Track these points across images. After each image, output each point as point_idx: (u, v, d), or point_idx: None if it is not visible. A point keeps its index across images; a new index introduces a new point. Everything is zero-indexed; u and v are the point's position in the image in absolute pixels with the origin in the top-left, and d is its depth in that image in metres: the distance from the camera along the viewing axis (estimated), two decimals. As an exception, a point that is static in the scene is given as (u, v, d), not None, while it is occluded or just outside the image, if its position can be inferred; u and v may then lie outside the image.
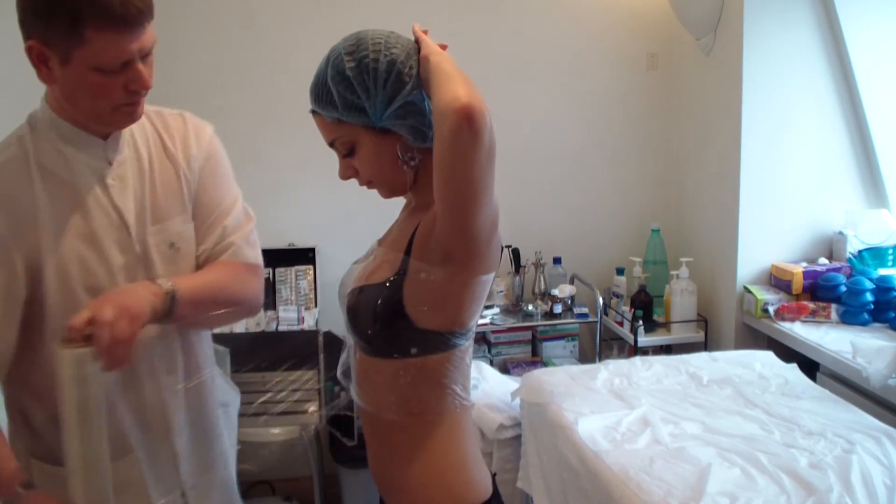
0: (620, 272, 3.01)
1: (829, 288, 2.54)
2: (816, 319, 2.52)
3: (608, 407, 2.02)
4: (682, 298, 2.81)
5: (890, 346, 2.15)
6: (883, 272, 2.55)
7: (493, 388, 2.45)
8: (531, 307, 2.93)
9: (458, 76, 1.01)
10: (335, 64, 1.10)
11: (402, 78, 1.09)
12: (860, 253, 2.65)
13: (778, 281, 2.68)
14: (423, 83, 1.10)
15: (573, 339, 3.02)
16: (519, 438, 2.24)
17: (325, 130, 1.16)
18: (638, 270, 2.90)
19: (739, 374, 2.21)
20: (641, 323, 2.78)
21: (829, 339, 2.36)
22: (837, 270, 2.59)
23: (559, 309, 2.90)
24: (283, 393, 2.26)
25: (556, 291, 2.90)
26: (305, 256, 2.86)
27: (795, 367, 2.27)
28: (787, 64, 2.64)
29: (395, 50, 1.09)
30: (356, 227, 2.66)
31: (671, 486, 1.61)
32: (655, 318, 2.89)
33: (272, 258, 2.73)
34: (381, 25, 1.15)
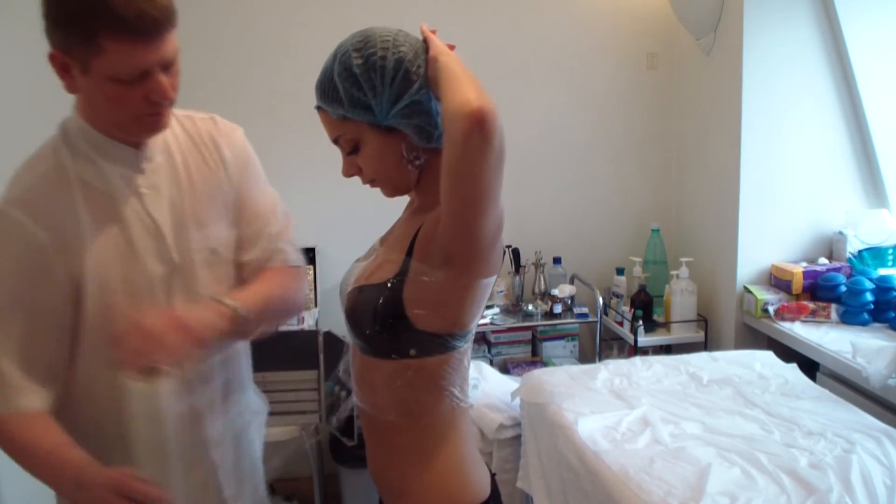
0: (620, 272, 3.01)
1: (829, 288, 2.54)
2: (816, 319, 2.52)
3: (608, 407, 2.02)
4: (682, 298, 2.81)
5: (890, 346, 2.15)
6: (883, 272, 2.55)
7: (493, 388, 2.45)
8: (531, 307, 2.93)
9: (468, 78, 1.00)
10: (342, 60, 1.09)
11: (409, 76, 1.08)
12: (860, 253, 2.65)
13: (778, 281, 2.68)
14: (430, 83, 1.09)
15: (573, 339, 3.02)
16: (519, 438, 2.24)
17: (329, 127, 1.15)
18: (638, 270, 2.90)
19: (739, 374, 2.21)
20: (641, 323, 2.78)
21: (829, 339, 2.36)
22: (837, 270, 2.59)
23: (559, 309, 2.90)
24: (282, 393, 2.26)
25: (556, 291, 2.91)
26: (305, 256, 2.83)
27: (795, 367, 2.27)
28: (786, 64, 2.63)
29: (403, 48, 1.09)
30: (356, 226, 2.65)
31: (671, 486, 1.61)
32: (655, 318, 2.89)
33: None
34: (382, 25, 1.14)
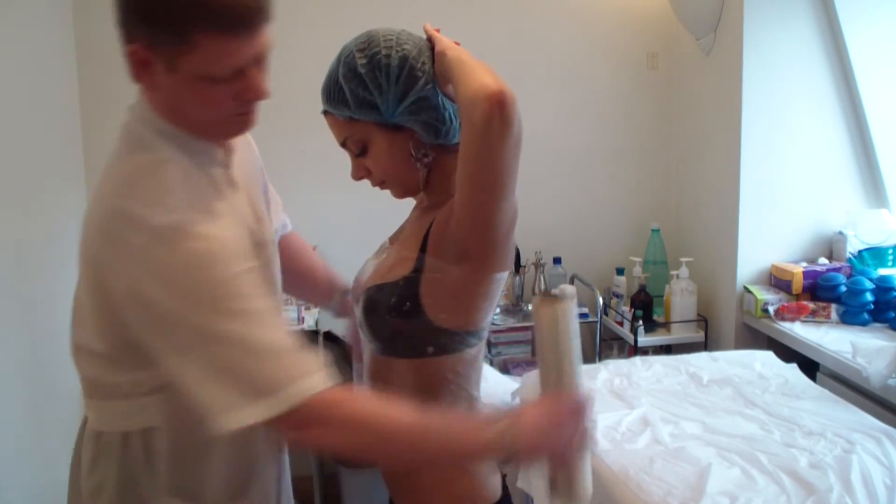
0: (620, 272, 3.01)
1: (829, 288, 2.54)
2: (816, 319, 2.52)
3: (608, 407, 2.01)
4: (682, 298, 2.81)
5: (890, 346, 2.15)
6: (883, 272, 2.55)
7: (493, 388, 2.45)
8: (531, 307, 2.92)
9: (482, 66, 1.01)
10: (347, 62, 1.09)
11: (414, 73, 1.08)
12: (860, 253, 2.65)
13: (778, 281, 2.68)
14: (439, 79, 1.09)
15: (573, 339, 3.02)
16: (519, 438, 2.24)
17: (336, 130, 1.15)
18: (638, 270, 2.90)
19: (739, 374, 2.21)
20: (641, 323, 2.78)
21: (829, 339, 2.36)
22: (837, 270, 2.59)
23: (559, 309, 2.89)
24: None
25: (556, 291, 2.90)
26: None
27: (795, 367, 2.27)
28: (787, 64, 2.63)
29: (406, 46, 1.09)
30: (357, 226, 2.66)
31: (671, 486, 1.61)
32: (655, 318, 2.89)
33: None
34: (379, 28, 1.14)
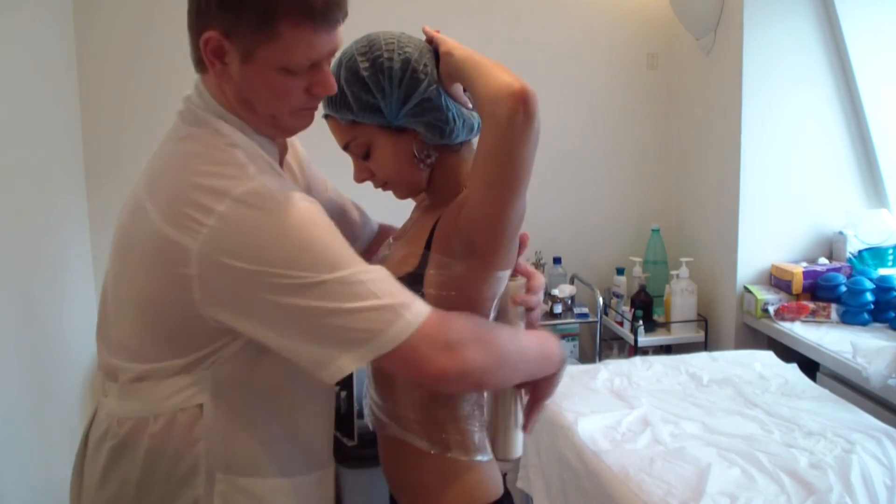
0: (620, 272, 3.01)
1: (829, 288, 2.54)
2: (816, 319, 2.52)
3: (608, 407, 2.02)
4: (682, 298, 2.81)
5: (890, 346, 2.15)
6: (883, 272, 2.55)
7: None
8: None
9: (498, 65, 1.02)
10: (349, 66, 1.09)
11: (417, 75, 1.08)
12: (860, 253, 2.65)
13: (778, 281, 2.68)
14: (445, 79, 1.09)
15: (573, 339, 3.02)
16: (519, 438, 2.24)
17: (339, 134, 1.15)
18: (638, 270, 2.90)
19: (739, 374, 2.21)
20: (641, 323, 2.78)
21: (829, 339, 2.36)
22: (837, 270, 2.59)
23: (559, 309, 2.89)
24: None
25: (556, 291, 2.90)
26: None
27: (795, 367, 2.27)
28: (787, 64, 2.64)
29: (408, 48, 1.09)
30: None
31: (671, 486, 1.61)
32: (655, 318, 2.89)
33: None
34: (376, 30, 1.14)
